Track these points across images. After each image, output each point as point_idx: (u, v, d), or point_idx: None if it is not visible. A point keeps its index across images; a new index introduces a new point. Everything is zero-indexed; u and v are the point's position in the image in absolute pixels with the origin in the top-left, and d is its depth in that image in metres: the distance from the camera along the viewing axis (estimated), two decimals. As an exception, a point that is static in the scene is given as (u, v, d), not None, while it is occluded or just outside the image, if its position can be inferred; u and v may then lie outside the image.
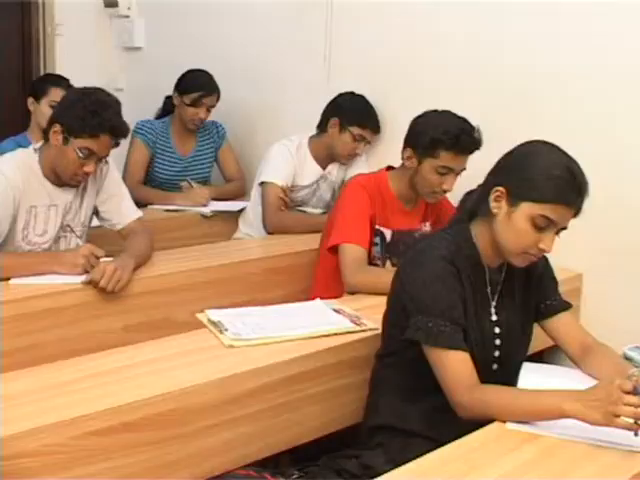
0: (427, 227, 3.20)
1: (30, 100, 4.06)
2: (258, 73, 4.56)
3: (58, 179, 3.01)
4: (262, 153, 4.00)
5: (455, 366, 2.04)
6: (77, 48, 5.35)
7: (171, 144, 4.41)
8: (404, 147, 3.02)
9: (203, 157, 4.49)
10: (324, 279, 3.13)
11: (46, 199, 3.01)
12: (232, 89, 4.54)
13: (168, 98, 4.52)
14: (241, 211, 4.08)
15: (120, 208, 3.21)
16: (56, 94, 3.91)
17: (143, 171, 4.34)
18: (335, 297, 2.86)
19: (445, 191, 2.99)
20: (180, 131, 4.42)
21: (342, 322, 2.49)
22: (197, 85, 4.28)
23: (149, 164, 4.38)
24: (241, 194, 4.41)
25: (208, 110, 4.33)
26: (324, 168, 3.92)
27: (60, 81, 4.09)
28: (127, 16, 5.39)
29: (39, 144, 3.06)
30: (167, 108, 4.54)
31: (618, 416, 1.78)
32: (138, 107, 4.57)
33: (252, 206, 3.96)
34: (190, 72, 4.36)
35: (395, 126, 3.75)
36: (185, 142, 4.45)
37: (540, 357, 2.91)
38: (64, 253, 2.95)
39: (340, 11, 4.06)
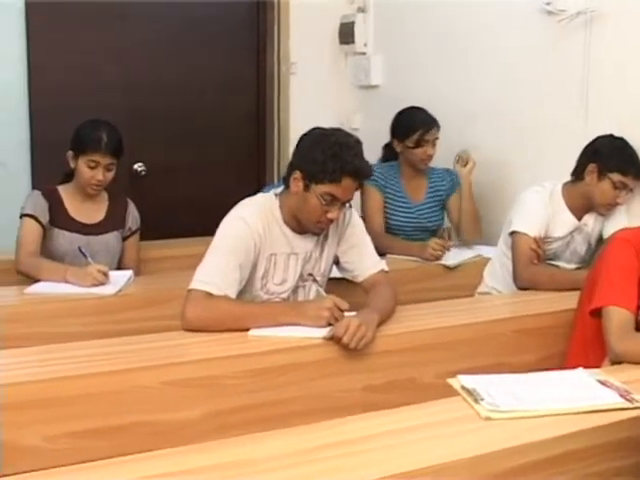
0: (699, 288, 2.87)
1: None
2: (502, 114, 4.36)
3: (299, 226, 2.91)
4: (497, 198, 3.78)
5: None
6: (311, 86, 5.37)
7: (402, 190, 4.28)
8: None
9: (434, 204, 4.34)
10: (582, 345, 2.85)
11: (286, 247, 2.92)
12: (470, 131, 4.40)
13: (387, 146, 4.41)
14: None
15: (362, 259, 3.07)
16: None
17: (382, 218, 4.22)
18: (594, 366, 2.58)
19: None
20: (410, 176, 4.30)
21: (610, 396, 2.21)
22: (414, 125, 4.15)
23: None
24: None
25: (433, 144, 4.18)
26: (579, 219, 3.62)
27: None
28: (363, 53, 5.35)
29: (280, 189, 2.97)
30: (387, 156, 4.42)
31: None
32: (374, 147, 4.41)
33: (499, 257, 3.74)
34: (401, 114, 4.26)
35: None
36: (416, 188, 4.31)
37: None
38: (307, 304, 2.81)
39: (598, 49, 3.79)
